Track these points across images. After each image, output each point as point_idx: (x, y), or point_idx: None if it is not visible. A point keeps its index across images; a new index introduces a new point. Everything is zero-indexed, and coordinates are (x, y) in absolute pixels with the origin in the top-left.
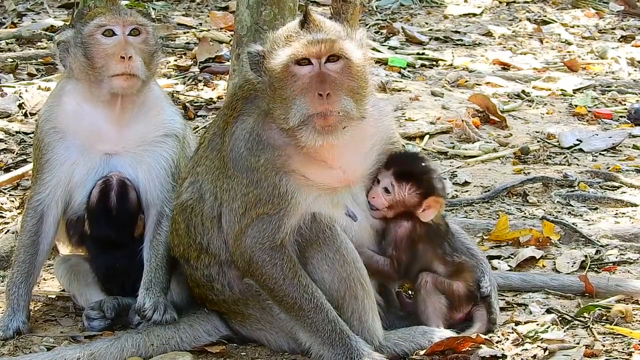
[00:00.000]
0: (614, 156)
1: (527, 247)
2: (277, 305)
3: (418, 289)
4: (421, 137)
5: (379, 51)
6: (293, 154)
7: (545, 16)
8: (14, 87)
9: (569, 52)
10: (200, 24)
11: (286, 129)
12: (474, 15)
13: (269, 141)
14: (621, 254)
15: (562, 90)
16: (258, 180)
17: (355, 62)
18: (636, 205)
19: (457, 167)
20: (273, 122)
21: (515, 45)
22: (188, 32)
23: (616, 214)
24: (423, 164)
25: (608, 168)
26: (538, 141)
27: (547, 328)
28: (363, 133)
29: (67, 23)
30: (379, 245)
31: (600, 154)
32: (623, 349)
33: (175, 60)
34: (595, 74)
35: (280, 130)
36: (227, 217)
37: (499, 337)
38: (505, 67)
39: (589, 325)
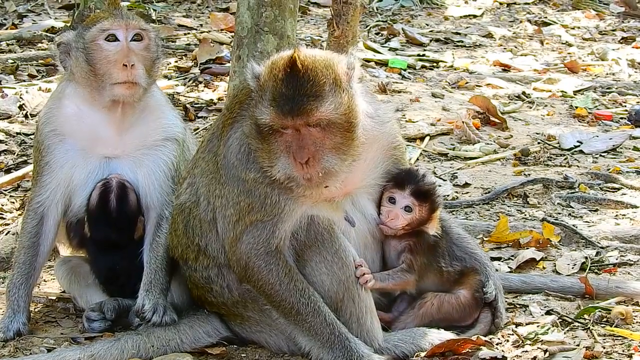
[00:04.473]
0: (615, 158)
1: (527, 248)
2: (275, 310)
3: (420, 306)
4: (421, 139)
5: (379, 52)
6: None
7: (546, 17)
8: (14, 88)
9: (569, 53)
10: (201, 25)
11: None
12: (475, 16)
13: None
14: (621, 256)
15: (562, 91)
16: (249, 189)
17: (337, 121)
18: (636, 207)
19: (458, 169)
20: None
21: (515, 47)
22: (189, 33)
23: (616, 215)
24: (430, 180)
25: (608, 170)
26: (538, 143)
27: (547, 330)
28: (364, 143)
29: (68, 24)
30: (378, 254)
31: (600, 155)
32: (623, 351)
33: (176, 62)
34: (595, 75)
35: None
36: (221, 223)
37: (499, 338)
38: (506, 68)
39: (589, 327)
